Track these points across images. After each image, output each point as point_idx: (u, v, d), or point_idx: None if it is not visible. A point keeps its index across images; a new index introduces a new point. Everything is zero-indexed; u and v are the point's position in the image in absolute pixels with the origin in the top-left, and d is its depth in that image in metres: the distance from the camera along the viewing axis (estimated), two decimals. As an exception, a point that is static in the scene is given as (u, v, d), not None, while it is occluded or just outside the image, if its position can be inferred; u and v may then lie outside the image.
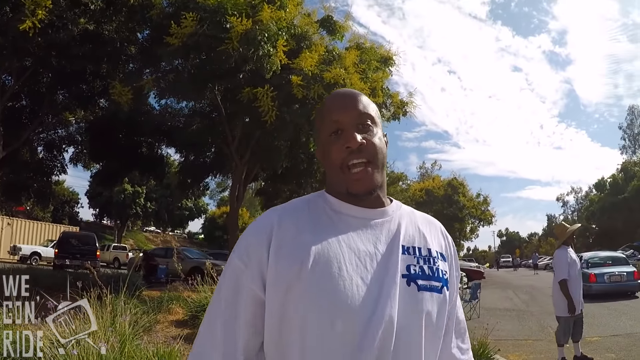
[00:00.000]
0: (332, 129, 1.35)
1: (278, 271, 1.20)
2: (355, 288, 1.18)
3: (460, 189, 49.82)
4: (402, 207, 1.46)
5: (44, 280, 12.53)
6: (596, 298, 16.00)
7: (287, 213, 1.32)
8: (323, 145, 1.39)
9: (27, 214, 48.30)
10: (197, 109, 18.98)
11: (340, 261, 1.21)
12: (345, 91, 1.45)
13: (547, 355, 8.34)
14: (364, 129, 1.35)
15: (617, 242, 46.04)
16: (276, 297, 1.19)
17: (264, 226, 1.28)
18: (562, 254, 7.64)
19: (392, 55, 17.02)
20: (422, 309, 1.25)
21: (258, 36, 12.10)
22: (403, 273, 1.26)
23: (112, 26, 15.63)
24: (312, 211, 1.33)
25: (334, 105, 1.39)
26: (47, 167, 21.83)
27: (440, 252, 1.40)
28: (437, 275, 1.32)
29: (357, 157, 1.31)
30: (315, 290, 1.17)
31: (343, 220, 1.31)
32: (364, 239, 1.28)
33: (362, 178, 1.31)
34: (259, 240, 1.26)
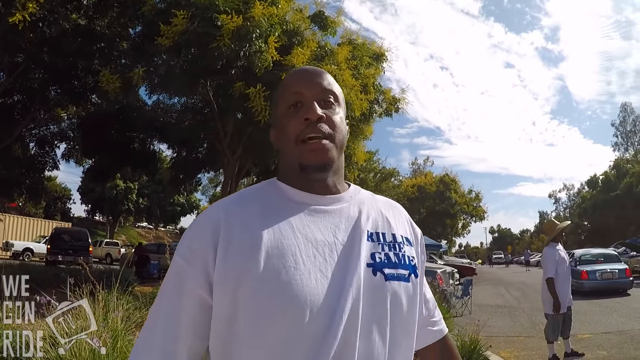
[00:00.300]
0: (292, 102, 1.25)
1: (226, 270, 1.08)
2: (314, 282, 1.07)
3: (452, 185, 50.06)
4: (362, 192, 1.35)
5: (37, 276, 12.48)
6: (588, 295, 16.08)
7: (234, 205, 1.20)
8: (279, 119, 1.29)
9: (19, 210, 48.13)
10: (189, 104, 18.96)
11: (296, 254, 1.09)
12: (309, 67, 1.36)
13: (538, 352, 8.37)
14: (326, 105, 1.25)
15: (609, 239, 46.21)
16: (224, 298, 1.07)
17: (209, 222, 1.15)
18: (550, 251, 7.63)
19: (384, 51, 17.05)
20: (390, 300, 1.15)
21: (250, 32, 12.08)
22: (368, 262, 1.15)
23: (104, 21, 15.59)
24: (262, 201, 1.21)
25: (296, 79, 1.30)
26: (39, 163, 21.77)
27: (406, 237, 1.30)
28: (404, 262, 1.22)
29: (315, 131, 1.20)
30: (268, 288, 1.05)
31: (297, 208, 1.19)
32: (321, 228, 1.16)
33: (318, 149, 1.19)
34: (204, 237, 1.13)
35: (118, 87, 13.71)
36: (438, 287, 10.51)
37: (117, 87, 13.70)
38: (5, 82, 17.33)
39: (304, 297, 1.04)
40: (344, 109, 1.34)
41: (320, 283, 1.07)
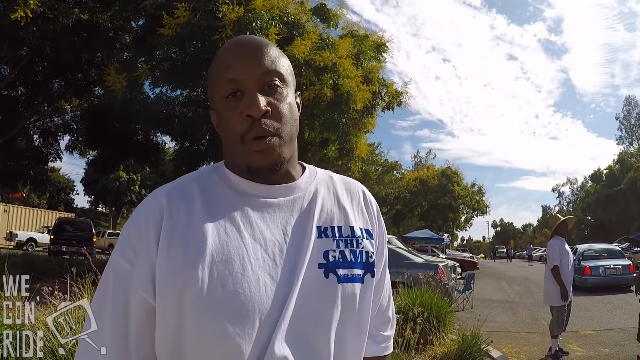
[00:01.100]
0: (229, 91, 1.08)
1: (169, 270, 0.97)
2: (263, 289, 0.98)
3: (455, 178, 49.88)
4: (318, 175, 1.22)
5: (40, 265, 12.57)
6: (591, 291, 16.07)
7: (177, 193, 1.07)
8: (218, 110, 1.13)
9: (24, 200, 48.32)
10: (192, 97, 18.93)
11: (244, 257, 1.00)
12: (246, 39, 1.15)
13: (540, 348, 8.36)
14: (270, 91, 1.08)
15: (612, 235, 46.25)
16: (168, 301, 0.97)
17: (151, 211, 1.03)
18: (554, 242, 7.80)
19: (385, 41, 16.98)
20: (343, 303, 1.06)
21: (252, 23, 12.07)
22: (319, 262, 1.06)
23: (106, 15, 15.58)
24: (206, 191, 1.09)
25: (231, 59, 1.09)
26: (43, 155, 21.84)
27: (366, 229, 1.18)
28: (361, 261, 1.11)
29: (260, 131, 1.05)
30: (212, 295, 0.95)
31: (245, 202, 1.08)
32: (271, 225, 1.06)
33: (265, 149, 1.05)
34: (145, 229, 1.01)
35: (125, 86, 13.73)
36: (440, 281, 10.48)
37: (125, 86, 13.72)
38: (9, 75, 17.42)
39: (253, 307, 0.96)
40: (292, 85, 1.17)
41: (269, 289, 0.99)
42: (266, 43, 1.13)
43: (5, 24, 12.11)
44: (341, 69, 13.26)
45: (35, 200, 52.96)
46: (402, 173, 49.84)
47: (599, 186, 64.18)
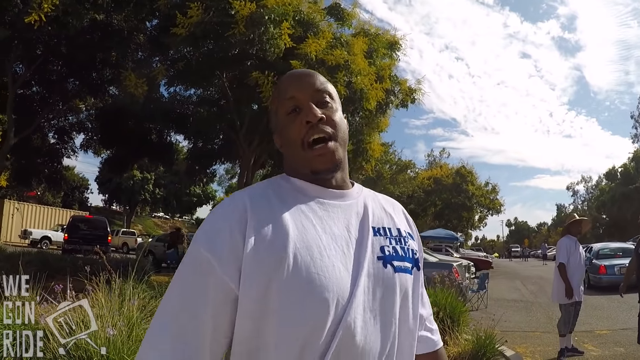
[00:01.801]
0: (290, 108, 1.30)
1: (257, 261, 1.09)
2: (338, 273, 1.13)
3: (469, 177, 49.73)
4: (364, 190, 1.41)
5: (54, 264, 12.65)
6: (606, 290, 15.92)
7: (257, 194, 1.23)
8: (281, 126, 1.33)
9: (38, 199, 48.76)
10: (205, 96, 19.00)
11: (320, 246, 1.14)
12: (300, 70, 1.41)
13: (554, 348, 8.29)
14: (323, 105, 1.30)
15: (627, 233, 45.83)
16: (255, 289, 1.08)
17: (235, 209, 1.17)
18: (563, 240, 7.82)
19: (398, 39, 16.94)
20: (399, 291, 1.23)
21: (264, 17, 12.10)
22: (378, 255, 1.23)
23: (120, 15, 15.68)
24: (280, 194, 1.24)
25: (289, 84, 1.33)
26: (58, 153, 21.99)
27: (408, 232, 1.38)
28: (409, 256, 1.30)
29: (317, 132, 1.25)
30: (301, 281, 1.08)
31: (312, 202, 1.24)
32: (336, 222, 1.22)
33: (325, 153, 1.25)
34: (231, 225, 1.13)
35: (146, 90, 13.82)
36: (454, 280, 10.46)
37: (145, 91, 13.81)
38: (25, 74, 17.56)
39: (332, 287, 1.10)
40: (340, 106, 1.38)
41: (341, 273, 1.13)
42: (315, 72, 1.37)
43: (21, 26, 12.24)
44: (354, 66, 13.24)
45: (49, 198, 53.48)
46: (416, 172, 49.77)
47: (614, 184, 63.72)
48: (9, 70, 16.59)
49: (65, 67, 17.78)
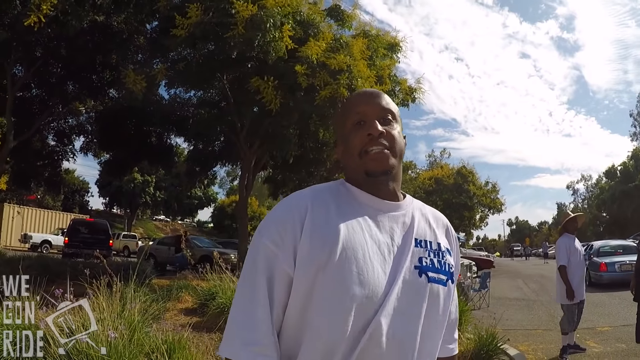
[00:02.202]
0: (356, 120, 1.43)
1: (310, 253, 1.25)
2: (377, 276, 1.26)
3: (470, 177, 49.68)
4: (414, 202, 1.52)
5: (54, 268, 12.61)
6: (607, 287, 15.92)
7: (317, 196, 1.37)
8: (345, 136, 1.46)
9: (38, 202, 48.74)
10: (206, 98, 18.99)
11: (364, 248, 1.28)
12: (370, 90, 1.54)
13: (557, 345, 8.28)
14: (385, 122, 1.43)
15: (628, 231, 45.82)
16: (305, 278, 1.25)
17: (297, 207, 1.33)
18: (562, 241, 7.76)
19: (398, 41, 16.94)
20: (431, 300, 1.33)
21: (264, 21, 12.08)
22: (416, 265, 1.34)
23: (120, 17, 15.67)
24: (336, 198, 1.39)
25: (358, 100, 1.48)
26: (58, 156, 21.96)
27: (447, 247, 1.48)
28: (445, 269, 1.41)
29: (376, 145, 1.39)
30: (342, 275, 1.23)
31: (364, 209, 1.37)
32: (382, 230, 1.35)
33: (379, 158, 1.38)
34: (292, 220, 1.30)
35: (144, 86, 13.79)
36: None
37: (144, 87, 13.78)
38: (24, 77, 17.56)
39: (369, 287, 1.24)
40: (401, 124, 1.52)
41: (380, 276, 1.27)
42: (382, 92, 1.52)
43: (20, 28, 12.23)
44: (355, 70, 13.25)
45: (49, 202, 53.47)
46: (417, 172, 49.75)
47: (614, 182, 63.62)
48: (8, 73, 16.58)
49: (65, 70, 17.76)
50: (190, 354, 5.19)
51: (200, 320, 8.17)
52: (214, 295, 9.08)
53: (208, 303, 9.01)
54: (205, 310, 8.86)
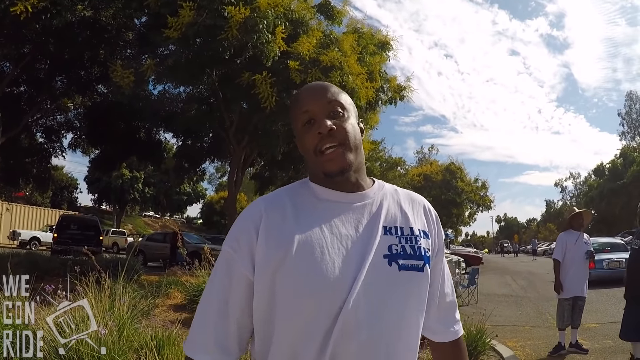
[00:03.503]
0: (305, 120, 1.42)
1: (266, 255, 1.27)
2: (337, 270, 1.25)
3: (459, 173, 49.81)
4: (385, 187, 1.50)
5: (43, 265, 12.56)
6: (595, 284, 15.97)
7: (272, 202, 1.39)
8: (298, 136, 1.46)
9: (27, 199, 48.44)
10: (195, 94, 18.95)
11: (323, 246, 1.27)
12: (314, 84, 1.52)
13: (545, 341, 8.34)
14: (335, 116, 1.41)
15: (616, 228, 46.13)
16: (264, 279, 1.27)
17: (252, 214, 1.36)
18: (561, 236, 7.89)
19: (389, 39, 16.97)
20: (404, 288, 1.31)
21: (258, 24, 12.05)
22: (384, 253, 1.31)
23: (109, 12, 15.58)
24: (295, 200, 1.40)
25: (304, 98, 1.45)
26: (46, 153, 21.83)
27: (423, 230, 1.44)
28: (419, 254, 1.37)
29: (328, 142, 1.37)
30: (298, 273, 1.24)
31: (325, 206, 1.38)
32: (345, 223, 1.34)
33: (334, 158, 1.36)
34: (248, 227, 1.33)
35: (132, 80, 13.73)
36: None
37: (132, 81, 13.72)
38: (12, 73, 17.42)
39: (329, 281, 1.23)
40: (354, 113, 1.50)
41: (341, 271, 1.25)
42: (329, 84, 1.49)
43: (8, 21, 12.12)
44: (346, 66, 13.26)
45: (38, 198, 53.12)
46: (406, 169, 49.82)
47: (602, 180, 63.93)
48: (-5, 69, 16.47)
49: (53, 66, 17.62)
50: (180, 350, 5.18)
51: (189, 316, 8.16)
52: (203, 291, 9.04)
53: (197, 299, 8.96)
54: (194, 307, 8.81)
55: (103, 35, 15.64)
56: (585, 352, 7.71)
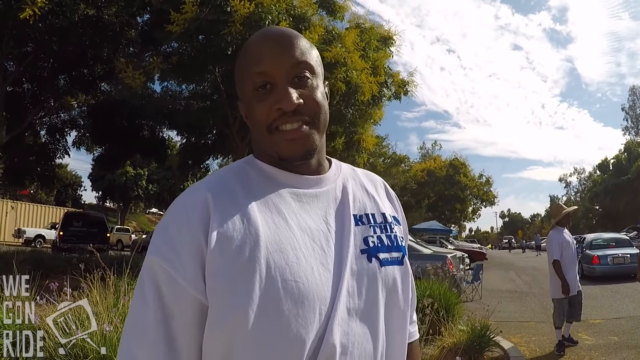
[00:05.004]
0: (258, 83, 1.06)
1: (224, 266, 0.93)
2: (318, 277, 0.98)
3: (462, 169, 49.75)
4: (342, 167, 1.23)
5: (48, 262, 12.61)
6: (599, 280, 16.01)
7: (218, 188, 1.03)
8: (247, 101, 1.10)
9: (31, 197, 48.55)
10: (198, 91, 18.96)
11: (295, 247, 0.98)
12: (275, 31, 1.12)
13: (549, 337, 8.34)
14: (301, 82, 1.06)
15: (620, 224, 46.05)
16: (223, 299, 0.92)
17: (194, 206, 0.99)
18: (553, 235, 7.71)
19: (392, 35, 16.94)
20: (388, 287, 1.09)
21: (263, 19, 12.04)
22: (361, 248, 1.07)
23: (111, 10, 15.60)
24: (246, 184, 1.06)
25: (260, 52, 1.06)
26: (50, 151, 21.87)
27: (394, 216, 1.22)
28: (396, 244, 1.14)
29: (291, 121, 1.04)
30: (274, 288, 0.93)
31: (283, 192, 1.06)
32: (312, 215, 1.06)
33: (297, 138, 1.04)
34: (190, 226, 0.96)
35: (143, 81, 13.76)
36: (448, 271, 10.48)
37: (142, 82, 13.75)
38: (15, 72, 17.48)
39: (312, 294, 0.95)
40: (322, 76, 1.16)
41: (323, 277, 0.99)
42: (295, 34, 1.11)
43: (12, 22, 12.16)
44: (349, 62, 13.25)
45: (43, 197, 53.29)
46: (410, 165, 49.79)
47: (607, 175, 63.75)
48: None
49: (56, 64, 17.67)
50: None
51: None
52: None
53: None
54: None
55: (106, 34, 15.65)
56: (575, 343, 7.83)
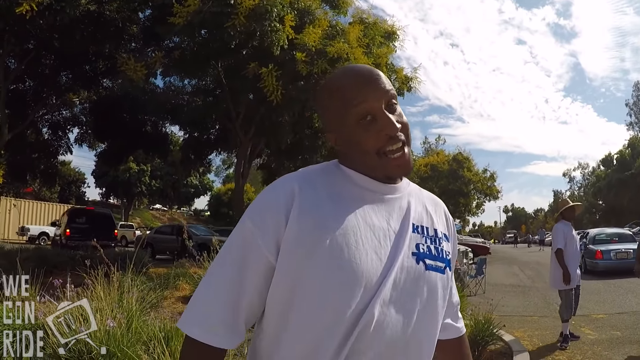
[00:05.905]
0: (361, 114, 1.25)
1: (297, 238, 1.16)
2: (370, 262, 1.17)
3: (466, 163, 49.63)
4: (411, 185, 1.42)
5: (52, 259, 12.64)
6: (602, 275, 15.99)
7: (306, 180, 1.27)
8: (348, 132, 1.28)
9: (35, 194, 48.60)
10: (200, 86, 18.98)
11: (357, 234, 1.19)
12: (364, 69, 1.32)
13: (552, 332, 8.33)
14: (391, 109, 1.28)
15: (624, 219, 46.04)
16: (292, 263, 1.16)
17: (284, 191, 1.23)
18: (559, 226, 7.79)
19: (395, 29, 16.91)
20: (428, 289, 1.26)
21: (268, 12, 12.04)
22: (413, 251, 1.26)
23: (113, 6, 15.58)
24: (330, 181, 1.29)
25: (356, 86, 1.26)
26: (53, 148, 21.90)
27: (445, 233, 1.40)
28: (442, 256, 1.33)
29: (395, 143, 1.25)
30: (333, 261, 1.14)
31: (358, 192, 1.28)
32: (377, 214, 1.26)
33: (403, 164, 1.27)
34: (277, 204, 1.20)
35: (145, 73, 13.77)
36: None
37: (144, 74, 13.76)
38: (17, 69, 17.49)
39: (361, 273, 1.15)
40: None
41: (375, 263, 1.18)
42: (378, 71, 1.31)
43: (12, 18, 12.16)
44: (352, 57, 13.23)
45: (46, 194, 53.30)
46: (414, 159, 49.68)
47: (610, 171, 63.64)
48: (1, 65, 16.52)
49: (58, 61, 17.68)
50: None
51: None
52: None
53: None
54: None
55: (108, 30, 15.63)
56: (577, 338, 7.80)
